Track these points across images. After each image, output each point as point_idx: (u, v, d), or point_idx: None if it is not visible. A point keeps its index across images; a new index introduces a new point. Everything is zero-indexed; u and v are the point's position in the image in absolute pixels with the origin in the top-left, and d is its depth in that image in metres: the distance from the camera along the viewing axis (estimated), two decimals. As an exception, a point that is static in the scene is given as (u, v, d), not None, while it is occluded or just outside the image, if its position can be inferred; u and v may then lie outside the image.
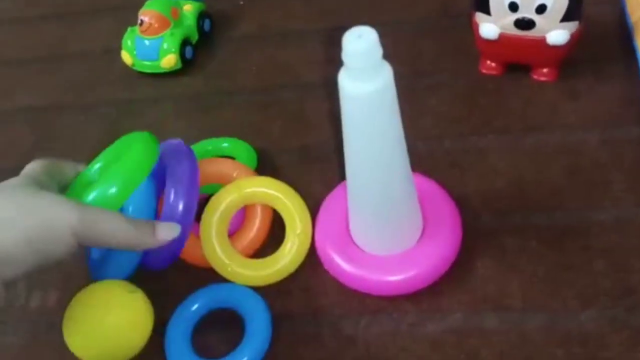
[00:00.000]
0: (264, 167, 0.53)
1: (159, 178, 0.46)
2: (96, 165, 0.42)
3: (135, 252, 0.44)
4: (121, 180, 0.40)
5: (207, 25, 0.66)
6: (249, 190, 0.47)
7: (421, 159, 0.50)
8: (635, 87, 0.51)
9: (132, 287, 0.42)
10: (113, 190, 0.39)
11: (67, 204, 0.36)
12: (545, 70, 0.53)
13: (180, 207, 0.43)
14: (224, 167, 0.49)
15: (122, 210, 0.44)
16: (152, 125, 0.58)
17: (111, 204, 0.39)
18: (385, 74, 0.35)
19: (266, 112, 0.58)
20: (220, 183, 0.48)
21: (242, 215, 0.49)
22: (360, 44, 0.33)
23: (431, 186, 0.47)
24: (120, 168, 0.40)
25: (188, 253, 0.47)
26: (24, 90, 0.66)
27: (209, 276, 0.46)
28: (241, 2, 0.69)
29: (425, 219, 0.44)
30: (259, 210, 0.48)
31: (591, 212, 0.45)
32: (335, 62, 0.36)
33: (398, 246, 0.43)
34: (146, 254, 0.44)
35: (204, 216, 0.46)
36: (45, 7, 0.76)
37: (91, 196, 0.39)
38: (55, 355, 0.43)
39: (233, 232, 0.48)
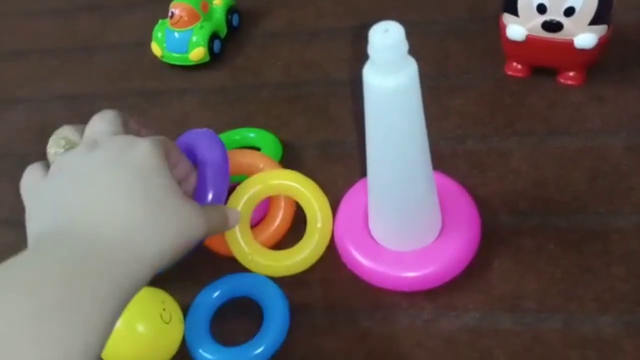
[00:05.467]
0: (288, 160, 0.54)
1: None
2: None
3: None
4: None
5: (235, 20, 0.67)
6: (273, 182, 0.48)
7: (443, 158, 0.50)
8: (663, 94, 0.51)
9: (168, 303, 0.43)
10: None
11: (200, 216, 0.38)
12: (571, 73, 0.53)
13: (210, 195, 0.43)
14: (251, 158, 0.50)
15: None
16: (178, 116, 0.61)
17: None
18: (410, 69, 0.35)
19: (291, 107, 0.59)
20: (246, 174, 0.49)
21: (266, 206, 0.50)
22: (387, 38, 0.33)
23: (451, 185, 0.47)
24: None
25: (212, 241, 0.48)
26: (60, 78, 0.68)
27: (231, 265, 0.47)
28: (270, -2, 0.70)
29: (444, 216, 0.45)
30: (282, 202, 0.49)
31: (612, 217, 0.45)
32: (362, 60, 0.36)
33: (416, 243, 0.44)
34: None
35: (228, 205, 0.47)
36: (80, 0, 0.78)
37: None
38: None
39: (256, 223, 0.49)
